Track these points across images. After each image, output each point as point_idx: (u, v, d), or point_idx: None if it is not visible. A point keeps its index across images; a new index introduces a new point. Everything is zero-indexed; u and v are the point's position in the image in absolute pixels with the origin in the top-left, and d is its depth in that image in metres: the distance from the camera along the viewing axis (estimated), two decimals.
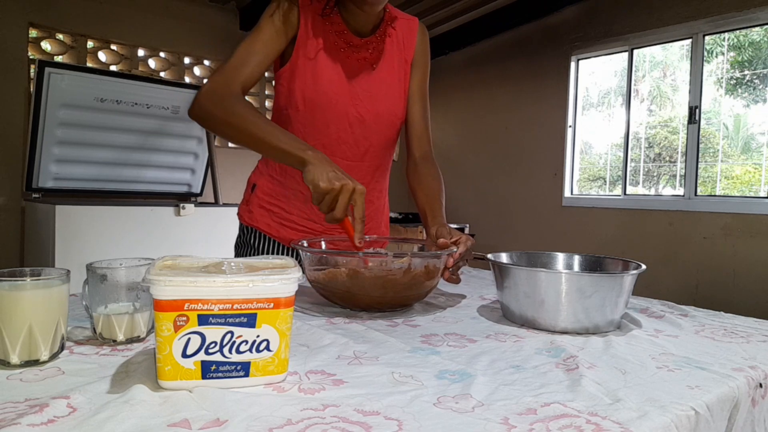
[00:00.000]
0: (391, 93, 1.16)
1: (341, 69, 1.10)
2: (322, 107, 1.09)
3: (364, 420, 0.46)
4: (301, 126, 1.11)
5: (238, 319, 0.52)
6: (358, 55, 1.12)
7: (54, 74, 2.80)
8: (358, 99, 1.11)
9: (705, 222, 3.34)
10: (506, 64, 4.53)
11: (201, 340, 0.51)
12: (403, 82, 1.19)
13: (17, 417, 0.44)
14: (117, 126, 3.07)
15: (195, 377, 0.51)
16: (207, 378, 0.52)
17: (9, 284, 0.57)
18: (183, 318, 0.50)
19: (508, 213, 4.51)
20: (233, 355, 0.52)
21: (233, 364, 0.52)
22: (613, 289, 0.78)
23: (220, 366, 0.52)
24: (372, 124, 1.13)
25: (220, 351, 0.52)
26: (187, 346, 0.51)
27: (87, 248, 2.65)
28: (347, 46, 1.11)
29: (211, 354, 0.51)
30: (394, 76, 1.17)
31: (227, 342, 0.52)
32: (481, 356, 0.65)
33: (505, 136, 4.55)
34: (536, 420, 0.47)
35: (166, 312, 0.50)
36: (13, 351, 0.56)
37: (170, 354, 0.51)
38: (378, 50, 1.14)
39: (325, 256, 0.92)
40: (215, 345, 0.51)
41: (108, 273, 0.66)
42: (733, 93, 3.52)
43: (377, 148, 1.17)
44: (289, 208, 1.19)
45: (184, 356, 0.51)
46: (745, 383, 0.60)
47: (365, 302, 0.86)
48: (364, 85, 1.12)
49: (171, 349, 0.51)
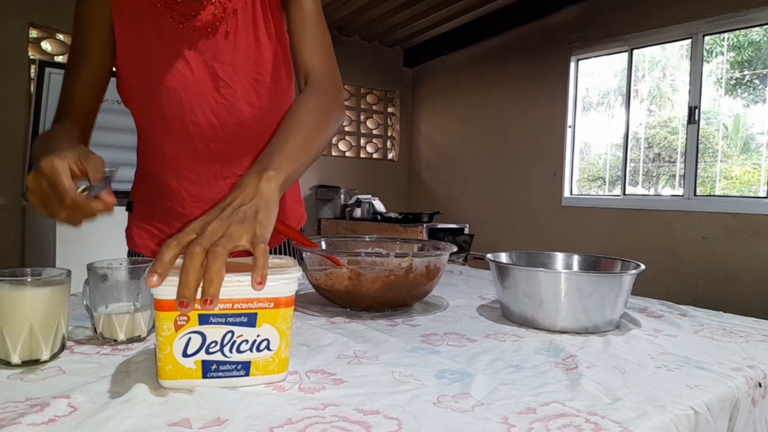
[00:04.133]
0: (261, 62, 0.91)
1: (182, 50, 0.88)
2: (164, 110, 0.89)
3: (364, 419, 0.46)
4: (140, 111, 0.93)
5: (238, 319, 0.52)
6: (200, 23, 0.87)
7: (54, 74, 2.80)
8: (219, 80, 0.89)
9: (704, 222, 3.34)
10: (506, 64, 4.53)
11: (202, 340, 0.51)
12: (278, 37, 0.92)
13: (18, 416, 0.44)
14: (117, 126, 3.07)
15: (196, 377, 0.51)
16: (207, 377, 0.52)
17: (10, 284, 0.57)
18: (184, 318, 0.50)
19: (508, 213, 4.51)
20: (234, 354, 0.52)
21: (234, 364, 0.52)
22: (613, 288, 0.78)
23: (221, 365, 0.52)
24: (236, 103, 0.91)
25: (220, 350, 0.52)
26: (187, 346, 0.51)
27: (87, 248, 2.65)
28: (184, 18, 0.87)
29: (212, 353, 0.52)
30: (262, 36, 0.91)
31: (228, 342, 0.52)
32: (480, 356, 0.65)
33: (505, 136, 4.55)
34: (536, 419, 0.47)
35: (167, 312, 0.50)
36: (14, 351, 0.56)
37: (171, 353, 0.51)
38: (228, 9, 0.88)
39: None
40: (216, 345, 0.51)
41: (109, 273, 0.66)
42: (733, 93, 3.52)
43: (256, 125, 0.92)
44: (169, 230, 1.01)
45: (184, 356, 0.51)
46: (744, 383, 0.60)
47: (366, 302, 0.86)
48: (219, 62, 0.89)
49: (172, 348, 0.50)
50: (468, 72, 4.88)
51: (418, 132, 5.48)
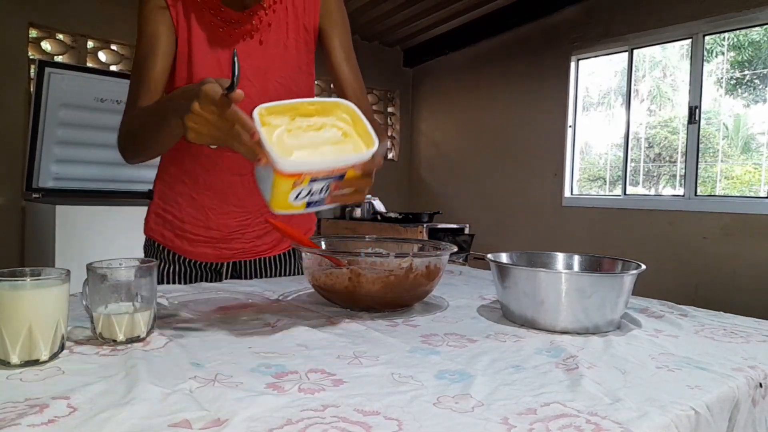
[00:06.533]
0: (285, 69, 1.05)
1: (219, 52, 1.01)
2: None
3: (364, 420, 0.46)
4: None
5: (334, 178, 0.71)
6: (242, 30, 1.01)
7: (54, 74, 2.81)
8: (246, 79, 1.00)
9: (705, 222, 3.34)
10: (506, 64, 4.53)
11: (309, 190, 0.70)
12: (304, 54, 1.07)
13: (17, 417, 0.44)
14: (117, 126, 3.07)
15: (300, 208, 0.72)
16: (308, 208, 0.72)
17: (9, 284, 0.57)
18: (299, 180, 0.67)
19: (508, 213, 4.51)
20: (326, 194, 0.73)
21: (324, 199, 0.74)
22: (613, 289, 0.78)
23: (318, 203, 0.73)
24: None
25: (319, 194, 0.72)
26: (299, 194, 0.69)
27: (87, 248, 2.65)
28: (225, 24, 1.00)
29: (313, 196, 0.71)
30: (290, 49, 1.06)
31: (325, 189, 0.72)
32: (480, 356, 0.65)
33: (505, 136, 4.55)
34: (536, 420, 0.47)
35: (288, 179, 0.66)
36: (13, 351, 0.56)
37: (285, 199, 0.69)
38: (264, 21, 1.03)
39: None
40: (317, 192, 0.71)
41: (108, 273, 0.66)
42: (733, 93, 3.52)
43: None
44: (182, 216, 1.11)
45: (295, 199, 0.70)
46: (745, 383, 0.60)
47: (366, 303, 0.86)
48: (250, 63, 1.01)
49: (287, 196, 0.68)
50: (468, 72, 4.88)
51: (418, 132, 5.48)
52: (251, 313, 0.82)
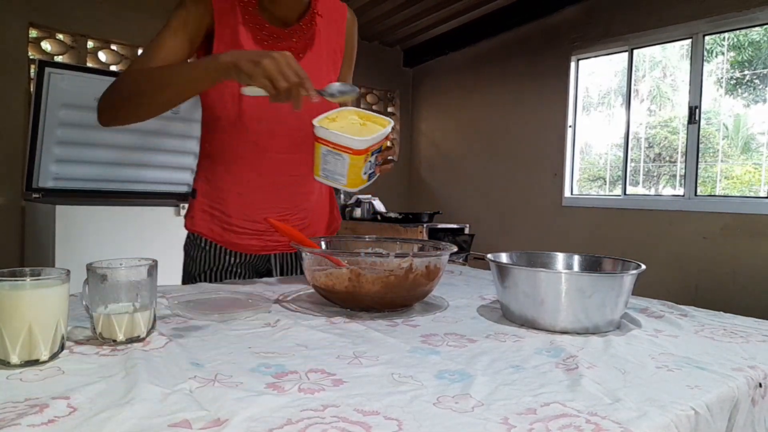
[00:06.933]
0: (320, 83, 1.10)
1: None
2: (250, 103, 1.07)
3: (363, 420, 0.46)
4: (232, 122, 1.10)
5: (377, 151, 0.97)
6: (284, 45, 1.09)
7: (54, 74, 2.80)
8: None
9: (705, 222, 3.34)
10: (506, 64, 4.53)
11: (370, 164, 0.96)
12: (332, 72, 1.17)
13: (17, 417, 0.44)
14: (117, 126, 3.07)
15: (366, 182, 0.97)
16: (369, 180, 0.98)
17: (9, 284, 0.57)
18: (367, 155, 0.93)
19: (508, 213, 4.51)
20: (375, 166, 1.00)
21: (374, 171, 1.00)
22: (613, 289, 0.78)
23: (373, 175, 0.99)
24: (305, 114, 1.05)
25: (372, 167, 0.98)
26: (365, 169, 0.94)
27: (87, 248, 2.65)
28: (271, 39, 1.08)
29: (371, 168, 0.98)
30: (322, 66, 1.15)
31: (374, 162, 0.98)
32: (480, 356, 0.65)
33: (505, 136, 4.55)
34: (536, 420, 0.47)
35: (361, 155, 0.92)
36: (13, 351, 0.56)
37: (359, 175, 0.94)
38: (305, 39, 1.12)
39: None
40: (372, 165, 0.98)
41: (108, 273, 0.66)
42: (733, 93, 3.52)
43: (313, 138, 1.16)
44: (228, 210, 1.17)
45: (364, 174, 0.95)
46: (745, 383, 0.60)
47: (366, 303, 0.86)
48: None
49: (361, 171, 0.94)
50: (468, 72, 4.88)
51: (418, 132, 5.48)
52: (251, 313, 0.82)
